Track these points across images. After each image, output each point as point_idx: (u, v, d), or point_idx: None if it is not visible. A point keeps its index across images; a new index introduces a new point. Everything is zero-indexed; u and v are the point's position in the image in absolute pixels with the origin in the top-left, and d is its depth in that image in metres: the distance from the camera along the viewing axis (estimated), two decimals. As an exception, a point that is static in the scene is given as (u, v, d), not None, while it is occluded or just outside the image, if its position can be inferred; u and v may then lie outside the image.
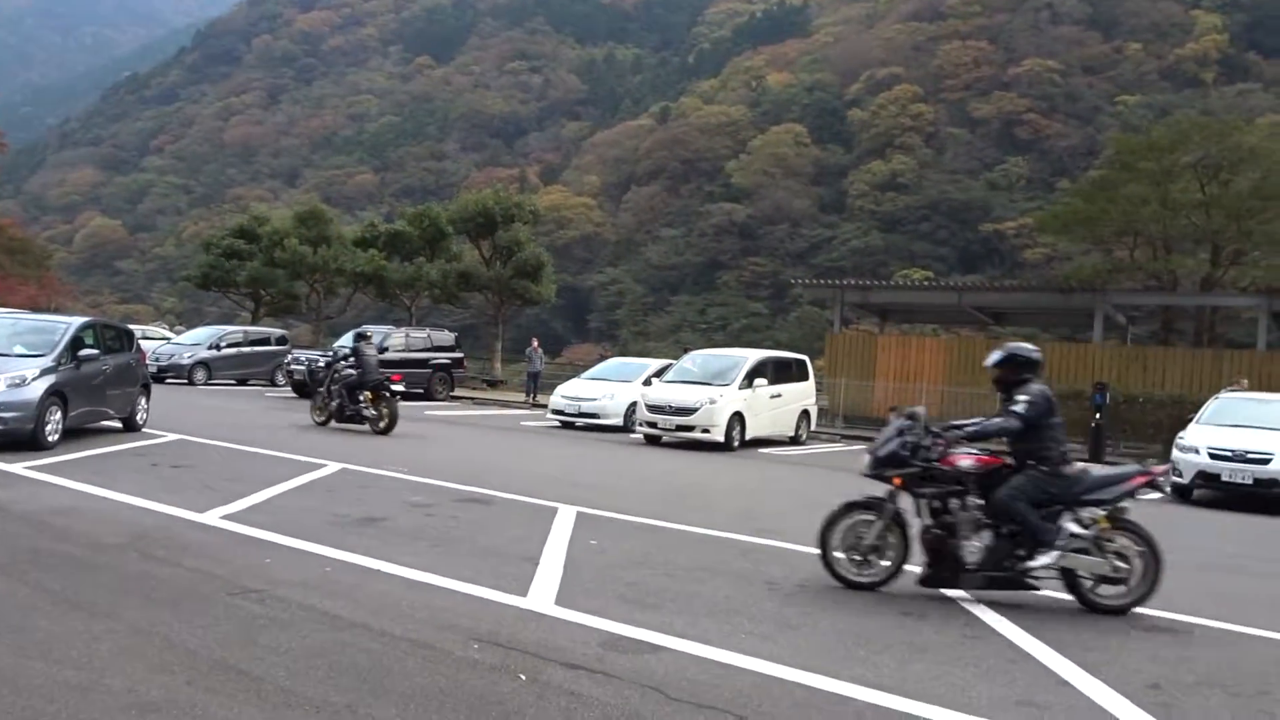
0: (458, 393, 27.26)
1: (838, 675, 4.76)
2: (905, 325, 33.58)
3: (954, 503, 6.49)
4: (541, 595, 5.97)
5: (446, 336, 27.63)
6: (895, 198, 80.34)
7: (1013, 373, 6.73)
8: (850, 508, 6.73)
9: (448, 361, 26.59)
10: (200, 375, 25.46)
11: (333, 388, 16.09)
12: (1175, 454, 13.92)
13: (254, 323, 36.90)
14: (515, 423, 20.73)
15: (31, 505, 7.87)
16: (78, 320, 12.70)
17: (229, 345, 26.89)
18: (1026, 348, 6.90)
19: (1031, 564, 6.38)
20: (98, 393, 12.41)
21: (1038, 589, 6.57)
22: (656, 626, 5.41)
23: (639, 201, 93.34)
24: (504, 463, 13.11)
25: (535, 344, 28.54)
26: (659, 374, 20.14)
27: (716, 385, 17.45)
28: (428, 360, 25.90)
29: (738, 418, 17.23)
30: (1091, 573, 6.44)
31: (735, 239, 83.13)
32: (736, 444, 17.21)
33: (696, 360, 19.57)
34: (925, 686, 4.73)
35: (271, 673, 4.34)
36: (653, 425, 17.46)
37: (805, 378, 19.92)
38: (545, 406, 22.02)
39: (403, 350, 25.37)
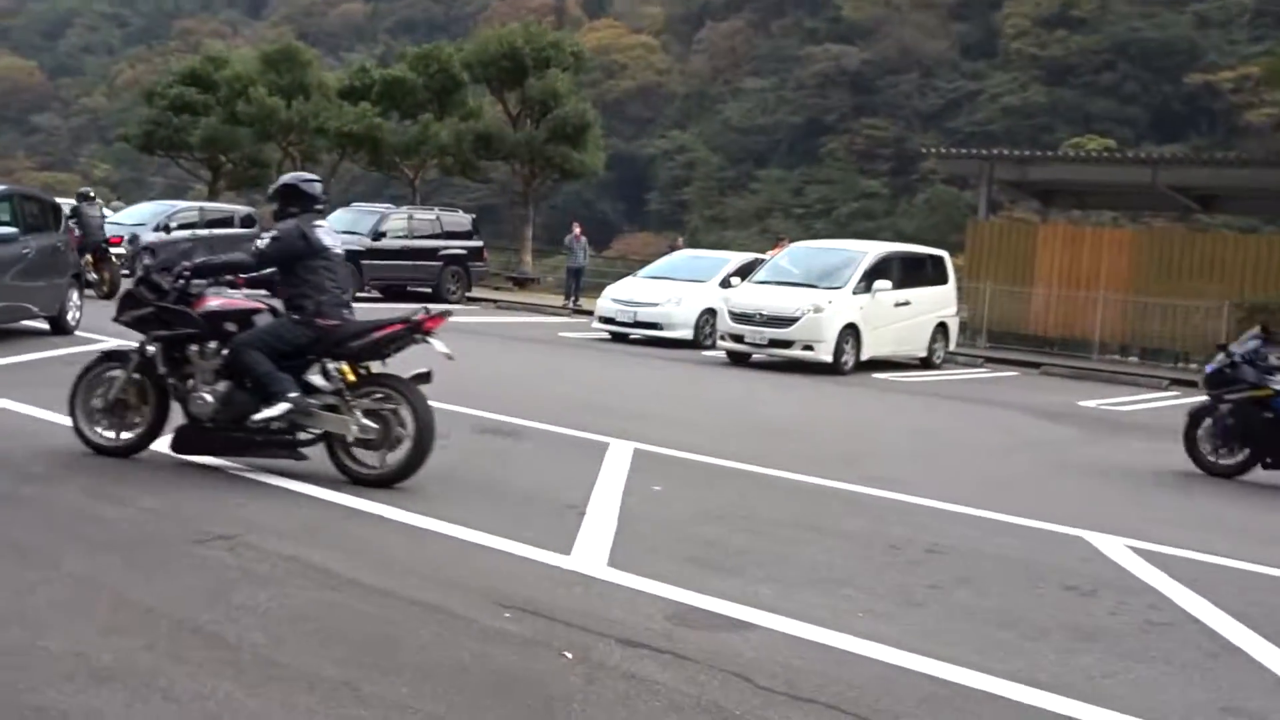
0: (476, 293, 27.47)
1: (979, 667, 4.78)
2: (1076, 212, 32.92)
3: (192, 349, 7.27)
4: (590, 554, 6.08)
5: (462, 220, 27.73)
6: (1066, 38, 77.70)
7: (284, 205, 7.57)
8: (104, 358, 7.52)
9: (463, 252, 26.74)
10: (145, 263, 25.90)
11: None
12: None
13: (211, 196, 37.37)
14: (552, 333, 20.92)
15: (-59, 424, 8.17)
16: (-10, 189, 12.92)
17: (181, 226, 27.27)
18: (305, 176, 7.90)
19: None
20: (17, 283, 12.71)
21: (304, 457, 7.27)
22: (739, 597, 5.48)
23: (716, 42, 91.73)
24: (538, 384, 13.24)
25: (577, 231, 28.53)
26: (742, 272, 20.07)
27: (823, 288, 17.45)
28: (437, 250, 26.06)
29: (851, 331, 17.27)
30: (336, 433, 7.13)
31: (845, 93, 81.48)
32: (849, 365, 17.27)
33: (796, 255, 19.50)
34: (1097, 685, 4.74)
35: (249, 638, 4.49)
36: (738, 339, 17.53)
37: (943, 280, 19.86)
38: (591, 313, 22.12)
39: (404, 236, 25.56)
